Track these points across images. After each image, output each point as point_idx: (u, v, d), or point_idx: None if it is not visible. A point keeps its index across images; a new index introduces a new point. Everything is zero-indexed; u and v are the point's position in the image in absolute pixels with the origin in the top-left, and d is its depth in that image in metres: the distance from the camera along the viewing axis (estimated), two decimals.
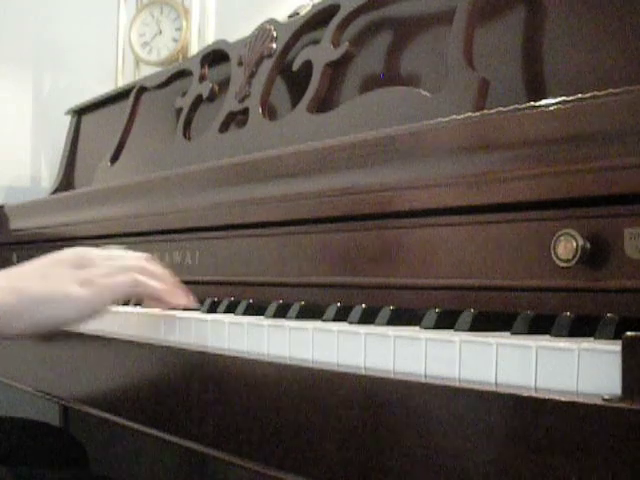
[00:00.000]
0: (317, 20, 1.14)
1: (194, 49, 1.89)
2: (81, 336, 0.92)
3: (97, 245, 1.34)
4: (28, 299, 0.70)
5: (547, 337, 0.57)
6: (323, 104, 1.07)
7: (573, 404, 0.44)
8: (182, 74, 1.44)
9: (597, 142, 0.62)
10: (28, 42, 2.20)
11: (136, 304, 1.01)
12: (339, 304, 0.76)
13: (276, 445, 0.64)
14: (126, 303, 1.02)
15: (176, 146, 1.35)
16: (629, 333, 0.44)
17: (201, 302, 0.92)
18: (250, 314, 0.83)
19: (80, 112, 1.86)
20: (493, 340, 0.52)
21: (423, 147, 0.77)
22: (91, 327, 0.82)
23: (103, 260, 0.77)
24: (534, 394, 0.47)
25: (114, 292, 0.74)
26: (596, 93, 0.62)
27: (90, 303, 0.72)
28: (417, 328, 0.65)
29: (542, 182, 0.66)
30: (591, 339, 0.54)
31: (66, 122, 1.90)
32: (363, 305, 0.73)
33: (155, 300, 0.80)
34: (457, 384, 0.51)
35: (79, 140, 1.86)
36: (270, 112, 1.18)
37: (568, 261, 0.62)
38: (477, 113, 0.74)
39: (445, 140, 0.75)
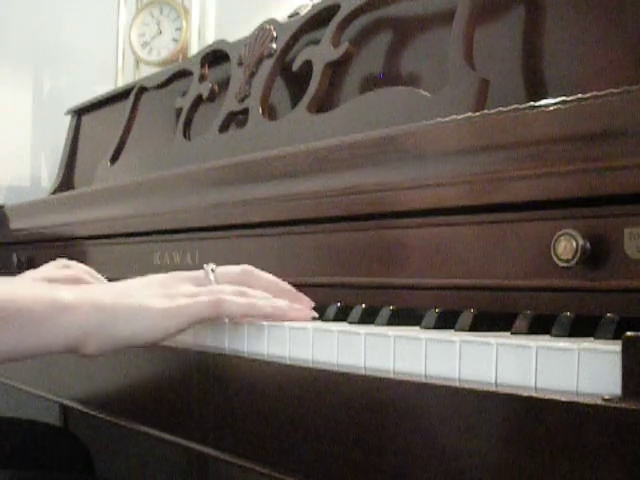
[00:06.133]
0: (317, 20, 1.14)
1: (194, 49, 1.89)
2: None
3: (97, 245, 1.34)
4: (109, 314, 0.68)
5: (547, 337, 0.57)
6: (323, 104, 1.07)
7: (573, 404, 0.44)
8: (182, 74, 1.45)
9: (597, 142, 0.62)
10: (28, 42, 2.20)
11: None
12: (339, 304, 0.76)
13: (276, 445, 0.64)
14: None
15: (176, 146, 1.35)
16: (629, 333, 0.44)
17: None
18: None
19: (80, 112, 1.86)
20: (493, 340, 0.52)
21: (423, 147, 0.77)
22: None
23: (194, 282, 0.75)
24: (534, 394, 0.46)
25: (190, 313, 0.71)
26: (596, 93, 0.62)
27: (164, 320, 0.70)
28: (417, 328, 0.65)
29: (542, 182, 0.66)
30: (591, 339, 0.54)
31: (66, 122, 1.90)
32: (363, 305, 0.73)
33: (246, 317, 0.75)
34: (457, 384, 0.51)
35: (79, 140, 1.86)
36: (270, 112, 1.18)
37: (568, 261, 0.62)
38: (477, 113, 0.74)
39: (445, 140, 0.75)
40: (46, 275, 0.94)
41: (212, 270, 0.77)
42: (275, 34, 1.19)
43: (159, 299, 0.71)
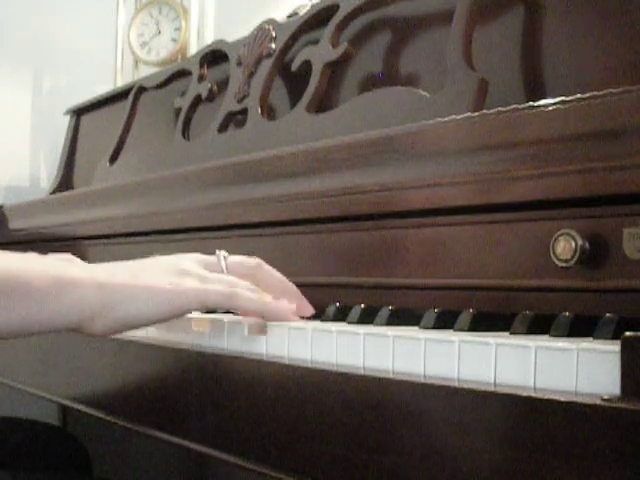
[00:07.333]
0: (316, 20, 1.14)
1: (193, 49, 1.89)
2: (80, 335, 0.92)
3: (96, 245, 1.34)
4: (116, 294, 0.67)
5: (546, 337, 0.57)
6: (322, 104, 1.07)
7: (572, 404, 0.44)
8: (181, 74, 1.45)
9: (596, 142, 0.62)
10: (27, 42, 2.20)
11: None
12: (338, 304, 0.76)
13: (276, 445, 0.64)
14: None
15: (175, 146, 1.35)
16: (628, 333, 0.44)
17: None
18: None
19: (79, 112, 1.86)
20: (492, 340, 0.52)
21: (422, 147, 0.77)
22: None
23: (205, 265, 0.74)
24: (533, 394, 0.46)
25: (199, 297, 0.69)
26: (595, 93, 0.62)
27: (172, 301, 0.69)
28: (416, 328, 0.65)
29: (541, 182, 0.66)
30: (590, 339, 0.54)
31: (65, 122, 1.90)
32: (362, 305, 0.73)
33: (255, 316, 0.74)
34: (456, 384, 0.51)
35: (78, 140, 1.86)
36: (269, 112, 1.18)
37: (567, 261, 0.62)
38: (476, 113, 0.74)
39: (444, 140, 0.75)
40: None
41: (224, 257, 0.76)
42: (274, 34, 1.19)
43: (167, 278, 0.69)
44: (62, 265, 0.69)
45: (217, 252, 0.76)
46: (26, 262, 0.68)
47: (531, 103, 0.67)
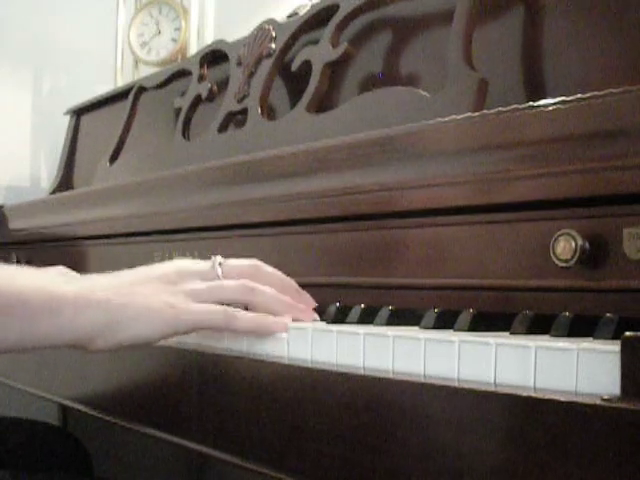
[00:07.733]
0: (316, 20, 1.14)
1: (193, 49, 1.89)
2: None
3: (96, 245, 1.34)
4: (116, 315, 0.68)
5: (546, 337, 0.57)
6: (322, 104, 1.07)
7: (572, 404, 0.44)
8: (181, 74, 1.45)
9: (597, 142, 0.62)
10: (27, 42, 2.20)
11: None
12: (338, 304, 0.76)
13: (275, 445, 0.64)
14: None
15: (175, 146, 1.35)
16: (628, 333, 0.44)
17: None
18: None
19: (79, 112, 1.86)
20: (492, 340, 0.52)
21: (422, 147, 0.77)
22: None
23: (202, 278, 0.73)
24: (533, 394, 0.47)
25: (200, 319, 0.70)
26: (596, 93, 0.62)
27: (171, 323, 0.69)
28: (416, 328, 0.65)
29: (541, 182, 0.66)
30: (590, 339, 0.54)
31: (65, 122, 1.90)
32: (362, 305, 0.73)
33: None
34: (456, 384, 0.51)
35: (78, 140, 1.86)
36: (269, 112, 1.18)
37: (567, 261, 0.62)
38: (476, 113, 0.73)
39: (444, 140, 0.75)
40: None
41: (219, 264, 0.75)
42: (274, 34, 1.19)
43: (166, 299, 0.70)
44: (59, 281, 0.69)
45: (212, 258, 0.76)
46: (22, 278, 0.68)
47: (531, 103, 0.67)
